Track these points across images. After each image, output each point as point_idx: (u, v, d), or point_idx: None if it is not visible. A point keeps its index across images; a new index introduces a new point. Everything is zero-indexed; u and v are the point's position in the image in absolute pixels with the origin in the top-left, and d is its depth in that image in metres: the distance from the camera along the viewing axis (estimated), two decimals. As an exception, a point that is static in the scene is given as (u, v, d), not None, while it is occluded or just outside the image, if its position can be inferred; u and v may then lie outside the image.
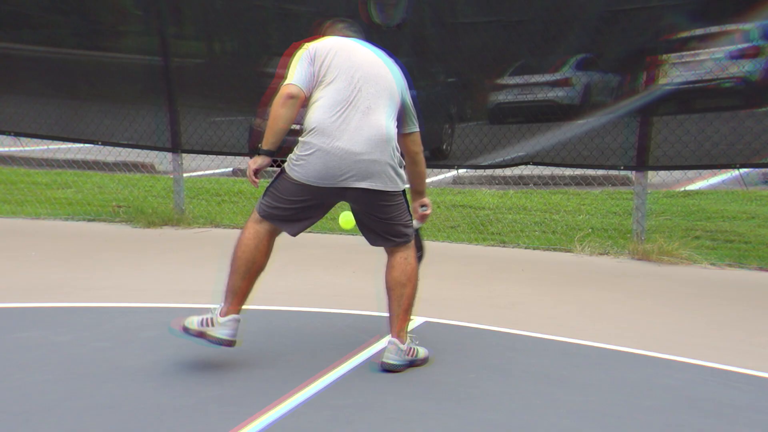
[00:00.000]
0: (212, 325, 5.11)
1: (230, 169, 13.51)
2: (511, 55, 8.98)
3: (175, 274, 7.48)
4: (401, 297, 5.41)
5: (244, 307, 5.18)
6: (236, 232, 5.96)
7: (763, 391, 5.02)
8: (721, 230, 9.13)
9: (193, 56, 10.18)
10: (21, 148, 13.59)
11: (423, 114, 11.46)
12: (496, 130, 9.26)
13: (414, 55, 9.69)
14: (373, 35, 9.00)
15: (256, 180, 5.30)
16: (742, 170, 9.25)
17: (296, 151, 5.29)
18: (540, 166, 9.19)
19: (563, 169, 9.62)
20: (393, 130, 5.39)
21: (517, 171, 11.20)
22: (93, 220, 9.75)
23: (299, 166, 5.24)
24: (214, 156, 10.19)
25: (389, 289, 5.44)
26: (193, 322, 5.12)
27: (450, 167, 10.35)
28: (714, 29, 8.08)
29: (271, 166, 5.41)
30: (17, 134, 9.89)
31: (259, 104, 7.69)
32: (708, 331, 6.16)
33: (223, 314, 5.14)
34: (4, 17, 9.83)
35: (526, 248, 8.76)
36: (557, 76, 9.35)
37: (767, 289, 7.32)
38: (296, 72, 5.25)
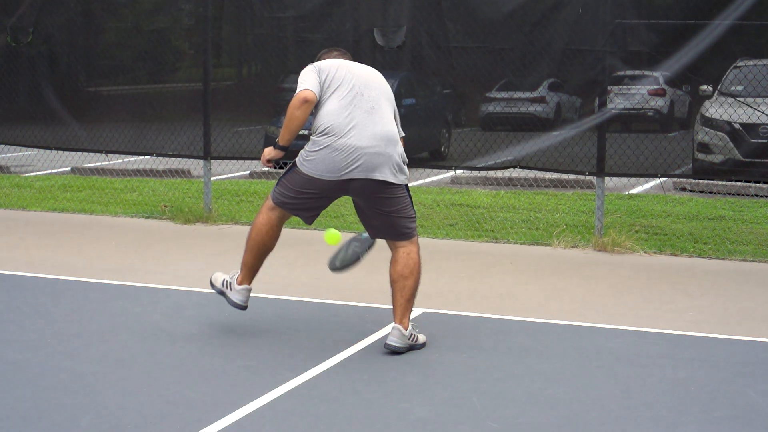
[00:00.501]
0: (230, 289, 6.14)
1: (248, 171, 14.62)
2: (497, 73, 9.74)
3: (204, 263, 8.48)
4: (404, 288, 5.87)
5: (268, 296, 6.27)
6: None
7: (669, 343, 6.25)
8: (650, 225, 10.00)
9: (226, 79, 11.27)
10: (107, 162, 15.12)
11: (423, 120, 12.49)
12: (487, 136, 9.97)
13: (413, 70, 10.55)
14: (377, 54, 10.16)
15: (269, 164, 6.04)
16: (662, 179, 10.41)
17: (307, 148, 5.86)
18: (525, 169, 9.90)
19: (544, 172, 10.37)
20: (396, 127, 6.01)
21: (507, 173, 11.70)
22: (149, 217, 10.78)
23: (309, 161, 5.82)
24: (236, 161, 11.39)
25: (393, 282, 5.92)
26: (218, 280, 6.21)
27: (448, 168, 11.11)
28: (638, 72, 9.41)
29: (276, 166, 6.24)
30: (107, 151, 11.30)
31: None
32: (638, 303, 7.26)
33: (239, 282, 6.13)
34: (104, 68, 11.25)
35: (514, 243, 9.36)
36: (535, 94, 10.40)
37: (677, 270, 8.38)
38: (308, 79, 5.80)
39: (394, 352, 5.85)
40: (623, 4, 9.04)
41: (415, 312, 6.76)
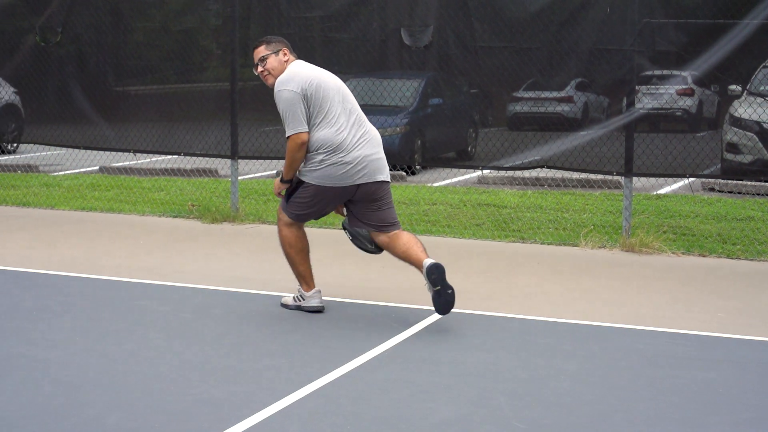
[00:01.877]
0: (303, 299, 6.71)
1: (275, 171, 14.65)
2: (524, 73, 9.70)
3: (231, 263, 8.55)
4: (418, 242, 6.48)
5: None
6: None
7: (698, 344, 6.24)
8: (679, 225, 9.96)
9: (253, 79, 11.30)
10: (135, 161, 15.21)
11: (450, 119, 12.49)
12: (514, 135, 9.98)
13: (440, 69, 10.60)
14: (403, 54, 10.17)
15: (281, 195, 6.68)
16: (691, 179, 10.38)
17: (309, 165, 6.43)
18: (552, 169, 9.93)
19: (571, 172, 10.41)
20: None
21: (534, 173, 11.79)
22: (176, 216, 10.83)
23: (318, 175, 6.42)
24: (263, 160, 11.46)
25: (407, 249, 6.47)
26: (289, 301, 6.83)
27: (475, 168, 11.21)
28: (666, 72, 9.37)
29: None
30: (135, 151, 11.37)
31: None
32: (666, 304, 7.22)
33: (306, 291, 6.69)
34: (133, 69, 11.32)
35: (541, 244, 9.35)
36: (562, 93, 10.38)
37: (705, 270, 8.36)
38: (298, 119, 6.31)
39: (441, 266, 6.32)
40: (651, 4, 9.01)
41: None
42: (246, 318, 6.68)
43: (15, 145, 16.88)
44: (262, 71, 6.63)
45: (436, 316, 6.68)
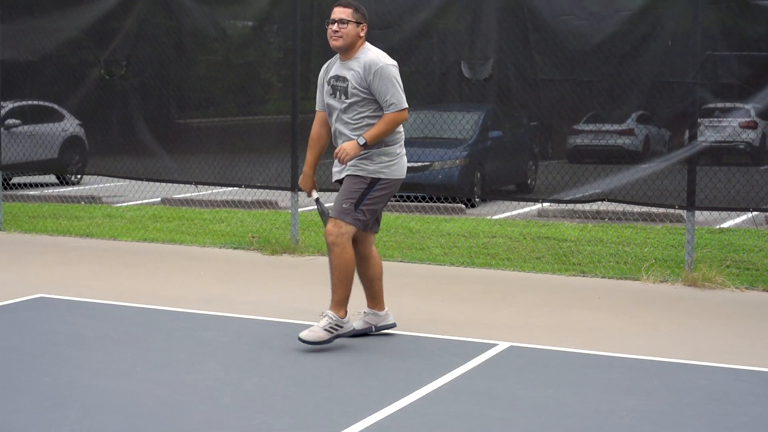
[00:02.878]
0: (341, 327, 6.60)
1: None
2: (584, 106, 9.66)
3: (291, 295, 8.58)
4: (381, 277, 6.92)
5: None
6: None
7: (761, 381, 6.15)
8: (742, 260, 9.86)
9: (313, 112, 11.41)
10: (196, 193, 15.38)
11: (509, 152, 12.48)
12: (575, 168, 9.90)
13: (500, 102, 10.60)
14: (463, 87, 10.19)
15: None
16: (754, 213, 10.24)
17: (384, 158, 6.51)
18: (613, 203, 9.86)
19: (632, 205, 10.17)
20: None
21: (594, 206, 11.71)
22: (237, 248, 10.91)
23: (395, 167, 6.56)
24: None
25: (375, 280, 6.87)
26: (319, 334, 6.53)
27: (535, 201, 11.12)
28: (728, 104, 9.27)
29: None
30: (197, 183, 11.46)
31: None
32: (729, 340, 7.14)
33: (344, 316, 6.59)
34: (196, 101, 11.45)
35: (602, 278, 9.28)
36: (623, 126, 10.31)
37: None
38: (403, 95, 6.50)
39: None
40: (713, 36, 8.96)
41: (502, 345, 6.83)
42: (305, 349, 6.69)
43: (79, 176, 17.15)
44: (336, 31, 6.53)
45: (496, 350, 6.66)
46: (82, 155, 14.07)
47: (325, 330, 6.52)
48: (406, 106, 6.50)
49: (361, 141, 6.45)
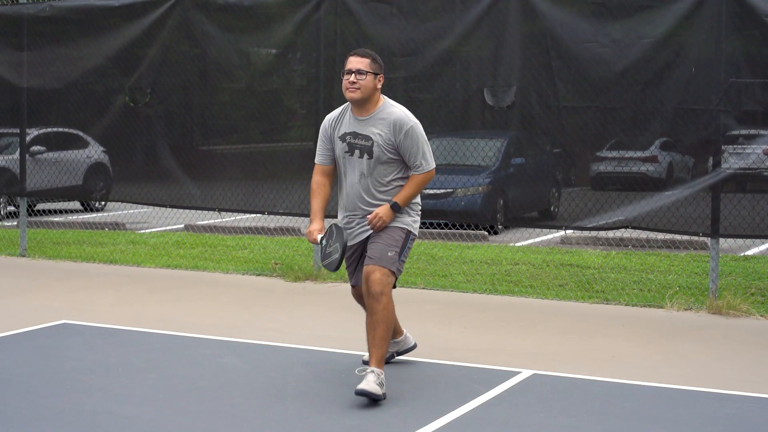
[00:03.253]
0: (380, 387, 6.02)
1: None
2: (607, 133, 9.61)
3: (314, 321, 8.59)
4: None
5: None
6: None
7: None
8: (766, 287, 9.78)
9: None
10: (219, 220, 15.41)
11: (532, 179, 12.45)
12: (598, 195, 9.86)
13: (522, 129, 10.56)
14: (486, 114, 10.20)
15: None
16: None
17: (413, 213, 6.36)
18: (637, 230, 9.75)
19: (656, 232, 10.17)
20: None
21: (618, 233, 11.69)
22: (259, 274, 10.93)
23: (419, 221, 6.42)
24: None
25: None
26: (374, 386, 5.97)
27: (558, 228, 11.10)
28: (753, 131, 9.24)
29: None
30: (220, 210, 11.48)
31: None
32: (755, 368, 7.09)
33: (381, 367, 6.10)
34: (220, 128, 11.52)
35: (626, 305, 9.23)
36: (646, 153, 10.28)
37: None
38: (431, 155, 6.33)
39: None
40: (737, 63, 8.94)
41: (525, 373, 6.80)
42: (328, 376, 6.68)
43: (103, 203, 17.22)
44: (354, 83, 6.21)
45: (519, 378, 6.64)
46: (107, 182, 14.15)
47: (378, 384, 6.03)
48: (434, 166, 6.34)
49: (396, 206, 6.26)
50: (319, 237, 6.33)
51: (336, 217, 6.67)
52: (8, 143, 15.39)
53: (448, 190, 12.68)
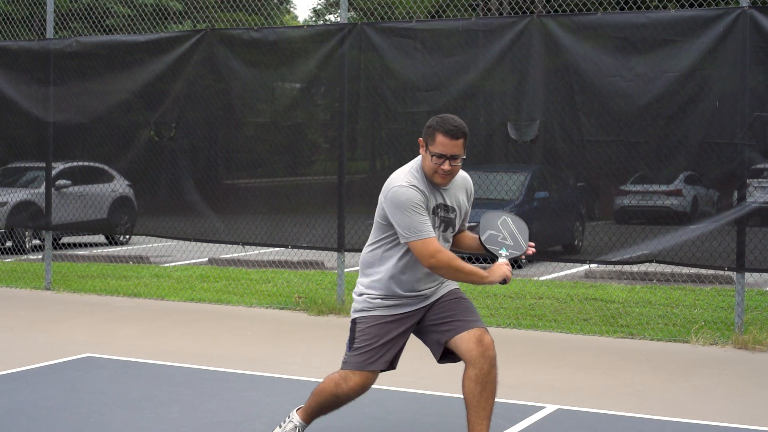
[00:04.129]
0: None
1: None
2: (631, 166, 9.62)
3: (336, 356, 8.37)
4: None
5: (400, 389, 6.34)
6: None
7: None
8: (796, 321, 9.74)
9: (360, 172, 11.52)
10: (243, 253, 15.45)
11: (556, 213, 12.43)
12: (622, 229, 9.85)
13: (546, 163, 10.61)
14: (509, 148, 10.21)
15: None
16: None
17: None
18: (661, 264, 9.69)
19: (681, 267, 10.07)
20: (364, 251, 5.58)
21: (642, 267, 11.71)
22: (283, 308, 10.96)
23: None
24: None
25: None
26: None
27: (582, 262, 11.07)
28: None
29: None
30: (243, 243, 11.50)
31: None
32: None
33: None
34: (244, 162, 11.60)
35: (651, 340, 9.21)
36: (671, 187, 10.27)
37: None
38: None
39: None
40: (762, 97, 8.94)
41: (549, 408, 6.76)
42: (351, 410, 6.64)
43: (128, 236, 17.31)
44: (448, 170, 5.35)
45: (543, 413, 6.61)
46: (131, 215, 14.22)
47: None
48: None
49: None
50: (503, 252, 5.54)
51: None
52: (34, 177, 15.52)
53: (472, 224, 12.69)
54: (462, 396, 5.34)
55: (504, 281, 5.37)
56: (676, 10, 9.43)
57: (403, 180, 5.31)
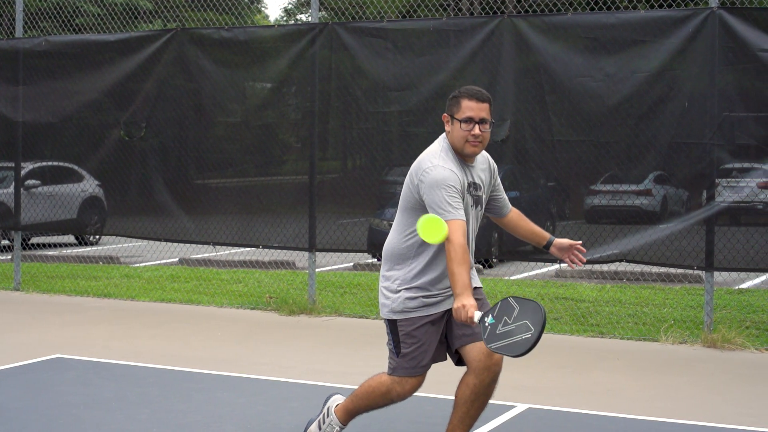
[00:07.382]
0: None
1: (351, 264, 14.72)
2: (601, 166, 9.66)
3: (308, 355, 8.57)
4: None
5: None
6: (359, 321, 7.03)
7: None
8: (762, 321, 9.80)
9: (331, 172, 11.51)
10: (214, 253, 15.37)
11: (526, 212, 12.48)
12: (593, 229, 9.87)
13: (517, 163, 10.60)
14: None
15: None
16: None
17: None
18: (631, 263, 9.72)
19: (651, 266, 10.12)
20: (395, 243, 5.26)
21: (612, 267, 11.81)
22: (254, 308, 10.94)
23: None
24: (340, 253, 11.53)
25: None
26: None
27: (552, 261, 11.05)
28: (746, 165, 9.30)
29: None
30: (214, 243, 11.48)
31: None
32: (750, 402, 7.10)
33: None
34: (215, 162, 11.56)
35: (621, 339, 9.25)
36: (641, 186, 10.32)
37: None
38: None
39: None
40: (730, 98, 9.00)
41: (520, 407, 6.77)
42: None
43: (97, 237, 17.22)
44: (477, 136, 5.13)
45: (514, 412, 6.63)
46: (101, 216, 14.16)
47: None
48: None
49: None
50: (477, 314, 4.87)
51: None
52: (3, 177, 15.41)
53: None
54: (453, 396, 5.41)
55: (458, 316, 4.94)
56: (645, 11, 9.48)
57: (438, 161, 5.07)
